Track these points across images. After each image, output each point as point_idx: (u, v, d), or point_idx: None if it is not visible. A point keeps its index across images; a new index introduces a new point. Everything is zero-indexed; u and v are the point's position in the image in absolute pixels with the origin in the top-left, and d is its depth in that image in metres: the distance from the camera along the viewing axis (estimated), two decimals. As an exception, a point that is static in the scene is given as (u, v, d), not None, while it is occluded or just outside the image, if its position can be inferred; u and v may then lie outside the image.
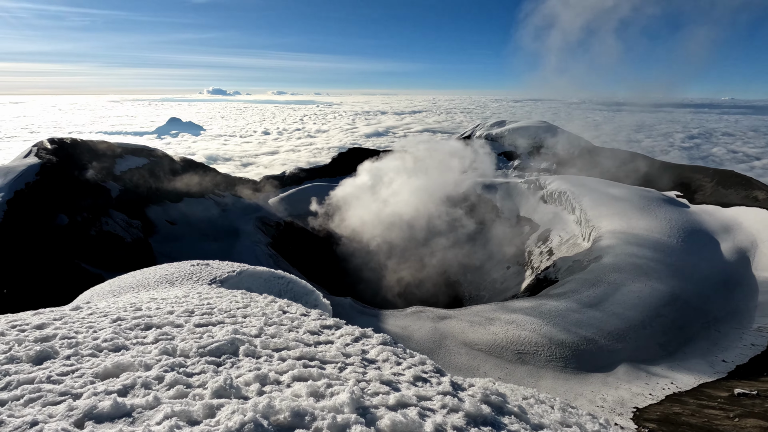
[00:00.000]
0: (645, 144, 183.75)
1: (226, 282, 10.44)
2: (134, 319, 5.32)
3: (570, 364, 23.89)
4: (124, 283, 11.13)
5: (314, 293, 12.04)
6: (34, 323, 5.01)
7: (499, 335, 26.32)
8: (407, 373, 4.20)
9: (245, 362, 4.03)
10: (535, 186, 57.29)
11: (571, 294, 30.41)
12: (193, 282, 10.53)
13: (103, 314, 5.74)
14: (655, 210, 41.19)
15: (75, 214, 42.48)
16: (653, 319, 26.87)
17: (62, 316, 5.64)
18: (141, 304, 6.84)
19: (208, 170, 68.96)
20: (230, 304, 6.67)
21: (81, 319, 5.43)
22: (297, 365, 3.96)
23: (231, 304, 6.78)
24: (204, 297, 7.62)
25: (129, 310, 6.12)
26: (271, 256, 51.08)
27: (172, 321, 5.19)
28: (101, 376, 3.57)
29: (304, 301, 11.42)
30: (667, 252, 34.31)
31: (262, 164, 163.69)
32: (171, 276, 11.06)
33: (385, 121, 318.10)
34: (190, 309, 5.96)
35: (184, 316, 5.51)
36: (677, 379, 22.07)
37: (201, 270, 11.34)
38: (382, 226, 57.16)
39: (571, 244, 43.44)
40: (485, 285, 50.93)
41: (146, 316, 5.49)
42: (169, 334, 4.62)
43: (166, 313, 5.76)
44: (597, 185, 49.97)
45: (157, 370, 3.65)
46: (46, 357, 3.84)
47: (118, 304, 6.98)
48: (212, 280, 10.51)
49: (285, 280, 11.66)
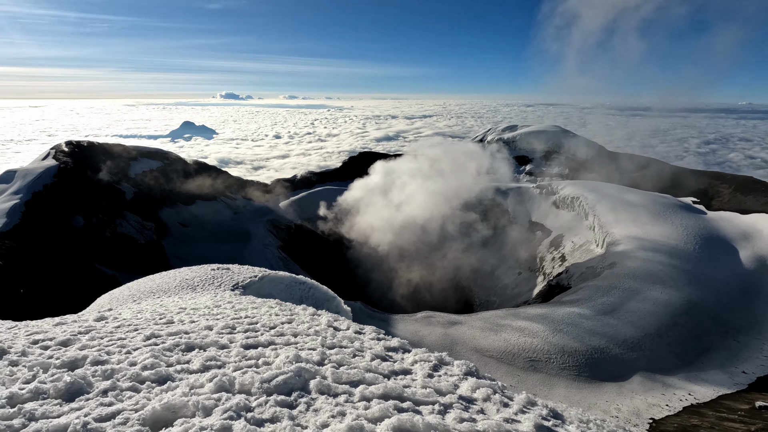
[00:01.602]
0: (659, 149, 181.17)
1: (248, 288, 10.28)
2: (170, 336, 4.84)
3: (584, 373, 23.45)
4: (144, 288, 10.94)
5: (335, 299, 11.92)
6: (58, 338, 4.61)
7: (510, 342, 25.96)
8: (524, 422, 3.37)
9: (322, 403, 3.32)
10: (548, 191, 56.72)
11: (585, 301, 29.92)
12: (215, 287, 10.30)
13: (133, 328, 5.33)
14: (671, 216, 40.44)
15: (90, 216, 43.19)
16: (669, 328, 26.28)
17: (88, 329, 5.24)
18: (170, 314, 6.47)
19: (220, 173, 69.69)
20: (272, 318, 6.11)
21: (109, 333, 5.01)
22: (389, 409, 3.21)
23: (272, 317, 6.19)
24: (237, 307, 7.13)
25: (160, 323, 5.73)
26: (282, 259, 51.28)
27: (215, 340, 4.65)
28: (150, 424, 2.89)
29: (325, 308, 11.30)
30: (684, 259, 33.61)
31: (273, 168, 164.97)
32: (192, 281, 10.85)
33: (396, 125, 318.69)
34: (230, 324, 5.43)
35: (225, 334, 5.03)
36: (695, 390, 21.50)
37: (222, 275, 11.16)
38: (393, 230, 57.06)
39: (584, 250, 42.83)
40: (496, 290, 50.44)
41: (183, 332, 5.01)
42: (217, 359, 4.02)
43: (204, 328, 5.28)
44: (611, 190, 49.27)
45: (220, 417, 2.94)
46: (78, 391, 3.21)
47: (144, 314, 6.64)
48: (234, 286, 10.30)
49: (306, 286, 11.55)
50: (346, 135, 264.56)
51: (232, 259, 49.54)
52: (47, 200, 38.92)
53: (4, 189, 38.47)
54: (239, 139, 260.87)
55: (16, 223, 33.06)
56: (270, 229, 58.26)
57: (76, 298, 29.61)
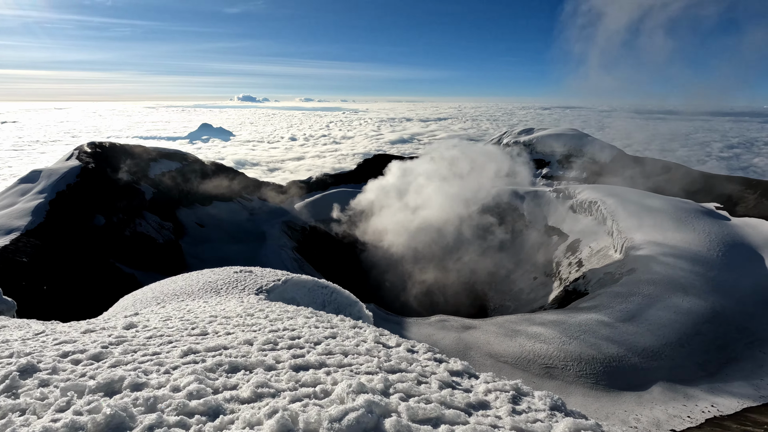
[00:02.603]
0: (680, 153, 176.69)
1: (272, 291, 10.19)
2: (209, 352, 4.43)
3: (601, 381, 22.94)
4: (167, 290, 10.82)
5: (358, 304, 11.76)
6: (89, 350, 4.33)
7: (526, 348, 25.57)
8: None
9: None
10: (565, 195, 55.86)
11: (603, 308, 29.30)
12: (238, 291, 10.16)
13: (167, 340, 5.01)
14: (693, 222, 39.37)
15: (111, 215, 44.20)
16: (691, 337, 25.53)
17: (119, 339, 4.96)
18: (202, 323, 6.10)
19: (237, 174, 70.62)
20: (313, 331, 5.60)
21: (142, 346, 4.69)
22: None
23: (313, 330, 5.71)
24: (271, 317, 6.67)
25: (194, 334, 5.37)
26: (296, 261, 51.62)
27: (260, 359, 4.19)
28: None
29: (348, 312, 11.11)
30: (707, 266, 32.66)
31: (288, 169, 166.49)
32: (215, 284, 10.72)
33: (411, 128, 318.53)
34: (270, 339, 4.98)
35: (268, 350, 4.59)
36: (718, 402, 20.83)
37: (245, 278, 11.05)
38: (408, 232, 56.95)
39: (601, 255, 42.00)
40: (511, 295, 49.83)
41: (222, 348, 4.61)
42: (268, 385, 3.57)
43: (243, 342, 4.84)
44: (630, 195, 48.26)
45: None
46: (120, 427, 2.81)
47: (174, 321, 6.33)
48: (259, 290, 10.20)
49: (329, 290, 11.43)
50: (360, 137, 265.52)
51: (247, 259, 49.95)
52: (70, 199, 39.98)
53: (29, 188, 39.67)
54: (255, 141, 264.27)
55: (40, 222, 34.04)
56: (285, 231, 58.75)
57: (96, 295, 30.31)
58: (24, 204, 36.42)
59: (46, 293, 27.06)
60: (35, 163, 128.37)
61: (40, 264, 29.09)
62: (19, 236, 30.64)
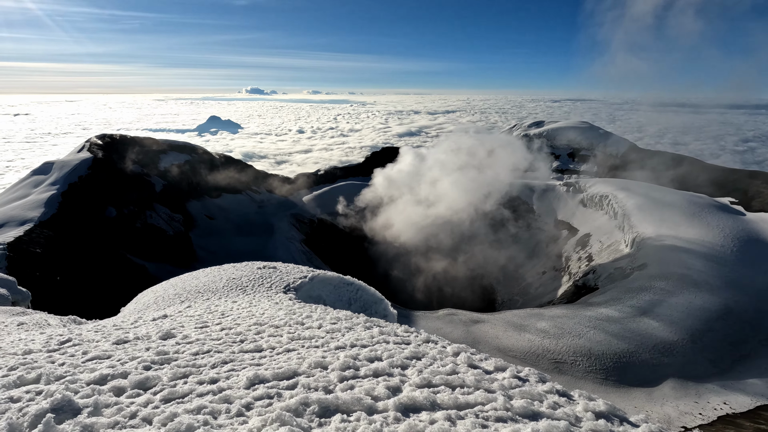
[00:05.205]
0: (693, 147, 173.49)
1: (299, 290, 9.86)
2: (283, 383, 3.54)
3: (611, 377, 22.77)
4: (189, 286, 10.34)
5: (383, 302, 11.45)
6: (131, 374, 3.61)
7: (534, 342, 25.44)
8: None
9: None
10: (575, 189, 55.24)
11: (613, 303, 29.03)
12: (265, 289, 9.73)
13: (220, 359, 4.21)
14: (707, 217, 38.72)
15: (122, 207, 44.63)
16: (704, 333, 25.20)
17: (161, 356, 4.26)
18: (250, 334, 5.27)
19: (246, 167, 70.81)
20: (390, 350, 4.50)
21: (192, 367, 3.94)
22: None
23: (389, 348, 4.60)
24: (328, 328, 5.63)
25: (248, 351, 4.55)
26: (305, 253, 51.81)
27: (354, 397, 3.24)
28: None
29: (373, 310, 10.86)
30: (720, 262, 32.15)
31: (296, 162, 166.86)
32: (240, 281, 10.28)
33: (418, 120, 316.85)
34: (348, 363, 4.03)
35: (351, 379, 3.70)
36: (731, 399, 20.56)
37: (270, 274, 10.70)
38: (415, 225, 56.76)
39: (612, 250, 41.54)
40: (519, 290, 49.59)
41: (293, 373, 3.78)
42: None
43: (315, 367, 3.96)
44: (642, 189, 47.56)
45: None
46: None
47: (214, 330, 5.55)
48: (286, 288, 9.80)
49: (354, 287, 11.15)
50: (368, 130, 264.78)
51: (257, 252, 50.09)
52: (82, 191, 40.40)
53: (42, 180, 40.14)
54: (263, 133, 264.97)
55: (53, 213, 34.46)
56: (293, 223, 58.92)
57: (108, 287, 30.67)
58: (37, 195, 36.88)
59: (59, 284, 27.46)
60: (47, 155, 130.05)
61: (53, 255, 29.49)
62: (33, 227, 31.05)
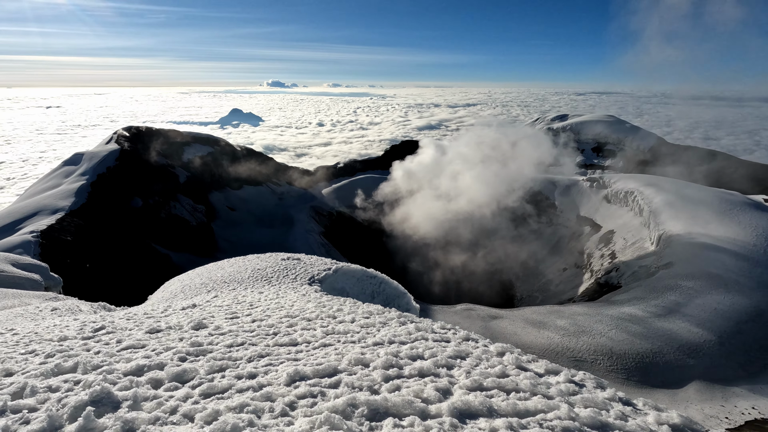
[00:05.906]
0: (725, 142, 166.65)
1: (324, 282, 9.92)
2: (325, 381, 3.38)
3: (633, 377, 22.27)
4: (215, 276, 10.42)
5: (406, 296, 11.39)
6: (167, 365, 3.55)
7: (554, 340, 25.07)
8: None
9: None
10: (599, 184, 53.89)
11: (637, 301, 28.31)
12: (290, 280, 9.66)
13: (255, 352, 4.09)
14: (739, 215, 37.24)
15: (148, 198, 45.88)
16: (733, 336, 24.34)
17: (195, 346, 4.20)
18: (283, 327, 5.15)
19: (267, 159, 71.71)
20: (432, 348, 4.29)
21: (228, 359, 3.87)
22: None
23: (430, 346, 4.37)
24: (359, 320, 5.47)
25: (282, 345, 4.42)
26: (324, 246, 52.29)
27: (405, 399, 2.99)
28: None
29: (396, 304, 10.80)
30: (752, 262, 30.91)
31: (315, 155, 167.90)
32: (264, 271, 10.36)
33: (438, 114, 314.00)
34: (391, 361, 3.79)
35: (395, 378, 3.47)
36: (761, 404, 19.85)
37: (294, 265, 10.75)
38: (435, 218, 56.46)
39: (636, 247, 40.45)
40: (539, 286, 48.90)
41: (334, 371, 3.61)
42: None
43: (356, 363, 3.79)
44: (669, 185, 46.04)
45: None
46: None
47: (245, 322, 5.47)
48: (311, 280, 9.83)
49: (377, 280, 11.09)
50: (387, 123, 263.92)
51: (277, 243, 50.85)
52: (110, 182, 41.69)
53: (72, 170, 41.58)
54: (284, 126, 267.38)
55: (83, 203, 35.69)
56: (313, 216, 59.46)
57: (135, 274, 31.66)
58: (68, 185, 38.24)
59: (89, 270, 28.49)
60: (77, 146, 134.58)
61: (82, 243, 30.59)
62: (64, 216, 32.23)
